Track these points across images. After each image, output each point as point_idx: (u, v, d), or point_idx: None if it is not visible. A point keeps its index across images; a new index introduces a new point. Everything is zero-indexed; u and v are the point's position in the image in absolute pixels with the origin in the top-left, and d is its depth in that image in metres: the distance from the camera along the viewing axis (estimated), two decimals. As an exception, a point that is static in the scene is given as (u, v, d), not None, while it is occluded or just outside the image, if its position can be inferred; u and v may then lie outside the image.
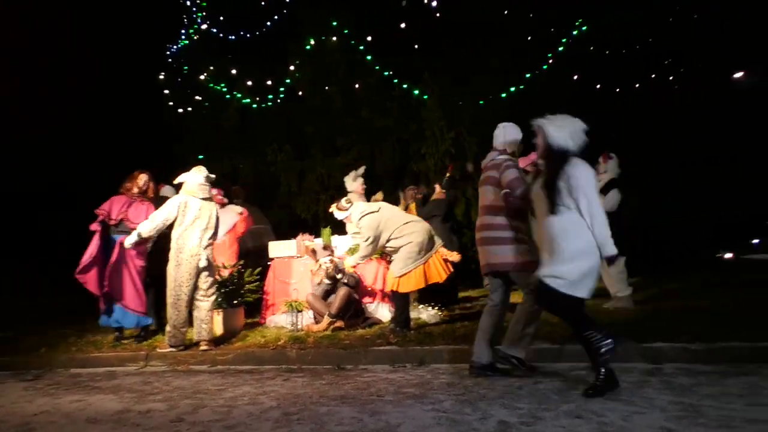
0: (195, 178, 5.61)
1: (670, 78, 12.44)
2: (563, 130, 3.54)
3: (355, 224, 5.88)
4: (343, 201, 6.01)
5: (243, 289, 6.51)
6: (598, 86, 11.61)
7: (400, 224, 5.63)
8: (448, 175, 7.99)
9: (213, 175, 5.81)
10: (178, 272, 5.44)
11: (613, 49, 11.86)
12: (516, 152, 4.18)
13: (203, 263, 5.44)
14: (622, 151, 6.64)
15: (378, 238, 5.68)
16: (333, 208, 6.07)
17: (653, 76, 11.92)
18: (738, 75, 11.99)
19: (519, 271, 3.94)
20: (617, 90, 11.76)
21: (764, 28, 11.10)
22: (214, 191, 6.20)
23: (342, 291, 6.08)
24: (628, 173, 6.53)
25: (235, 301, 6.41)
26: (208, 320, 5.62)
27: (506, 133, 4.13)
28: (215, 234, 5.70)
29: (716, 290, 7.43)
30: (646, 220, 10.51)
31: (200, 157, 11.48)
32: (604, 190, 6.19)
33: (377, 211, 5.76)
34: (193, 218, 5.46)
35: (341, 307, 6.04)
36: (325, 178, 11.50)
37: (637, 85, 11.79)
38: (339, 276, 6.31)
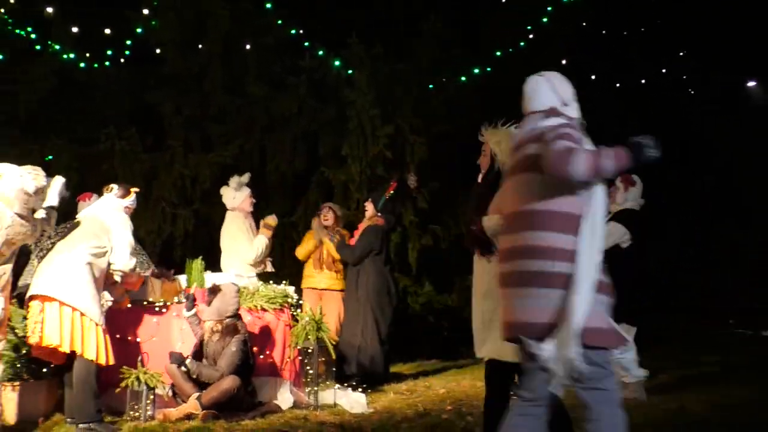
0: None
1: (684, 77, 12.85)
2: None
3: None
4: None
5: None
6: (593, 77, 11.90)
7: None
8: (390, 192, 8.19)
9: None
10: None
11: (613, 29, 12.28)
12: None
13: None
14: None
15: None
16: None
17: (663, 71, 12.21)
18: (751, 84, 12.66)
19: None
20: (617, 85, 12.06)
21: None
22: None
23: (228, 382, 5.86)
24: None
25: (45, 369, 5.95)
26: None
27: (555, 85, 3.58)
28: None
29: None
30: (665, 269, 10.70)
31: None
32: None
33: None
34: None
35: (219, 401, 5.83)
36: (187, 183, 11.04)
37: (644, 81, 11.99)
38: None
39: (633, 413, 5.14)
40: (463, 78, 11.05)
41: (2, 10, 11.49)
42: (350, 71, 10.79)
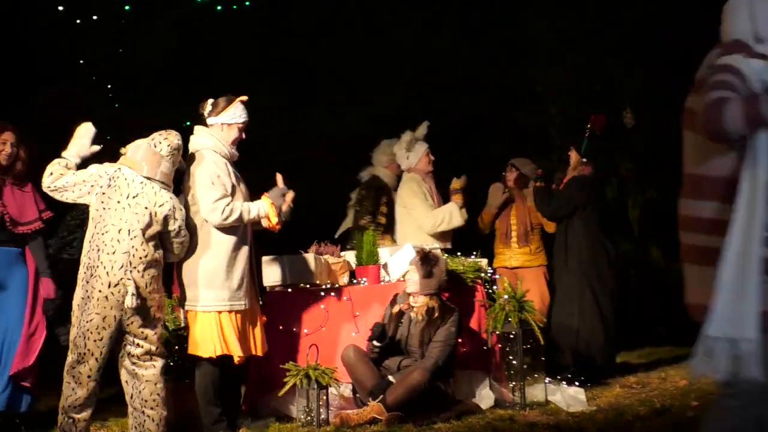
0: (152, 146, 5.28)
1: None
2: None
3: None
4: None
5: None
6: None
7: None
8: (593, 130, 7.43)
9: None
10: (84, 312, 5.10)
11: None
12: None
13: (130, 300, 5.09)
14: None
15: None
16: None
17: None
18: None
19: None
20: None
21: None
22: None
23: (416, 376, 5.66)
24: None
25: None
26: (157, 402, 5.25)
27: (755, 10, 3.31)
28: (170, 246, 5.35)
29: None
30: None
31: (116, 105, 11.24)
32: None
33: None
34: (119, 213, 5.17)
35: (406, 400, 5.64)
36: (342, 143, 10.88)
37: None
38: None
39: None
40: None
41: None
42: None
